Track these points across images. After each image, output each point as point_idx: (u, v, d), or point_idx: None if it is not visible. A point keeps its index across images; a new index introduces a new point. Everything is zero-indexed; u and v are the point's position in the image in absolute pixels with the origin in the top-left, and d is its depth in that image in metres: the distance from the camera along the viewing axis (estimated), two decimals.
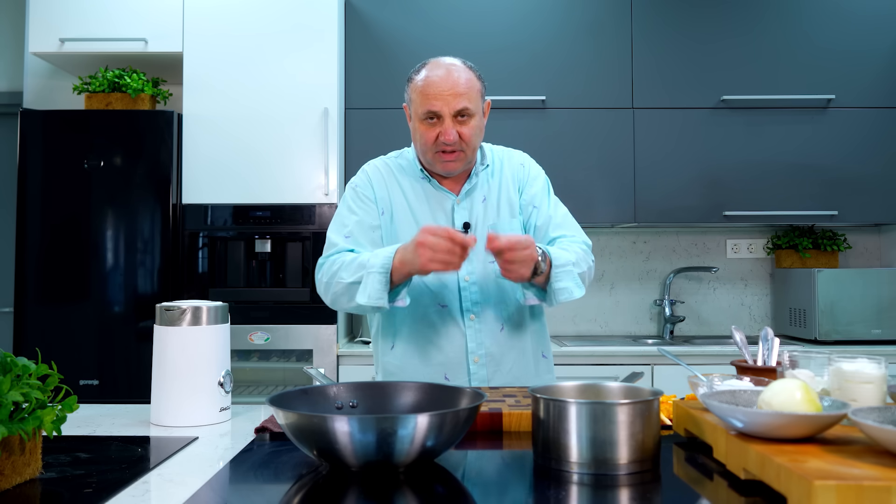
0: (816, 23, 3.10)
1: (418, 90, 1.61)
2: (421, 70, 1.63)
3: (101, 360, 2.75)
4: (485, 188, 1.71)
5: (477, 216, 1.68)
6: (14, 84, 3.46)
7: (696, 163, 3.07)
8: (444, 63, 1.61)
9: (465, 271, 1.64)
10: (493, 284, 1.66)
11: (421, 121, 1.61)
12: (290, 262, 2.89)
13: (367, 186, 1.71)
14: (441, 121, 1.59)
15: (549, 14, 3.10)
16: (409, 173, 1.72)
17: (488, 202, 1.70)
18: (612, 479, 0.96)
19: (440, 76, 1.58)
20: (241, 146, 2.86)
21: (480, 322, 1.64)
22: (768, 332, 1.38)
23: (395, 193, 1.70)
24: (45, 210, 2.78)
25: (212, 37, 2.90)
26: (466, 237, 1.43)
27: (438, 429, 0.97)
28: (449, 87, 1.57)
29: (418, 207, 1.68)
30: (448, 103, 1.57)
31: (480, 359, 1.64)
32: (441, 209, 1.68)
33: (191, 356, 1.34)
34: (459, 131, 1.58)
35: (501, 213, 1.70)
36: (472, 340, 1.64)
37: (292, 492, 0.95)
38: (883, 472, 0.79)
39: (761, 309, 3.42)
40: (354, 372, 2.81)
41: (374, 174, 1.73)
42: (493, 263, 1.61)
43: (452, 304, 1.64)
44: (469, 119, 1.60)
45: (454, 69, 1.60)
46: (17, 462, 0.94)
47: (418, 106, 1.61)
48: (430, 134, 1.60)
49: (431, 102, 1.57)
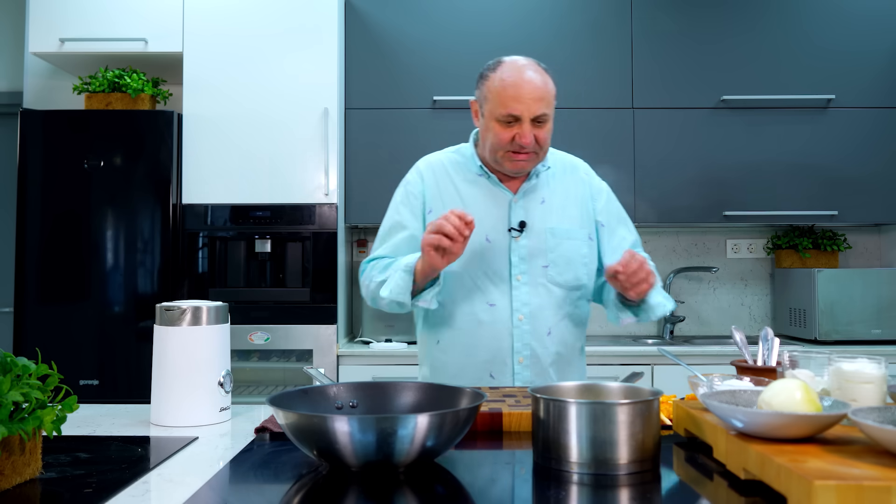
0: (816, 23, 3.10)
1: (496, 91, 1.58)
2: (498, 69, 1.61)
3: (101, 360, 2.75)
4: (545, 190, 1.70)
5: (534, 216, 1.67)
6: (14, 84, 3.46)
7: (696, 163, 3.07)
8: (524, 65, 1.60)
9: (519, 270, 1.64)
10: (544, 287, 1.65)
11: (497, 121, 1.59)
12: (290, 262, 2.89)
13: (417, 184, 1.73)
14: (519, 123, 1.57)
15: (549, 14, 3.10)
16: (466, 170, 1.71)
17: (548, 204, 1.69)
18: (612, 479, 0.96)
19: (523, 80, 1.57)
20: (241, 146, 2.86)
21: (528, 323, 1.64)
22: (768, 332, 1.38)
23: (448, 191, 1.70)
24: (46, 210, 2.78)
25: (212, 37, 2.90)
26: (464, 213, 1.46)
27: (438, 429, 0.97)
28: (531, 92, 1.56)
29: (473, 204, 1.67)
30: (529, 108, 1.55)
31: (525, 360, 1.64)
32: (497, 207, 1.67)
33: (191, 356, 1.34)
34: (536, 134, 1.58)
35: (563, 216, 1.68)
36: (518, 341, 1.63)
37: (292, 492, 0.95)
38: (883, 472, 0.79)
39: (761, 309, 3.42)
40: (354, 372, 2.81)
41: (426, 172, 1.74)
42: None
43: (502, 304, 1.63)
44: (546, 123, 1.59)
45: (536, 73, 1.59)
46: (17, 462, 0.94)
47: (496, 106, 1.58)
48: (505, 134, 1.58)
49: (513, 105, 1.56)
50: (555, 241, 1.66)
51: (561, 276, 1.65)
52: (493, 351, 1.64)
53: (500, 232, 1.65)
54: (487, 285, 1.63)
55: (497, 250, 1.64)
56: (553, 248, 1.65)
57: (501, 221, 1.66)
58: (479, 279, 1.64)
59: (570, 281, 1.66)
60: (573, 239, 1.67)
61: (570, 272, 1.66)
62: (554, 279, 1.65)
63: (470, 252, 1.61)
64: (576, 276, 1.67)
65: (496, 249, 1.64)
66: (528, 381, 1.64)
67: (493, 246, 1.64)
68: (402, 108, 3.07)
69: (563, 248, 1.66)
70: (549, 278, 1.64)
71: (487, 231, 1.64)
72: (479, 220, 1.63)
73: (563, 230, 1.67)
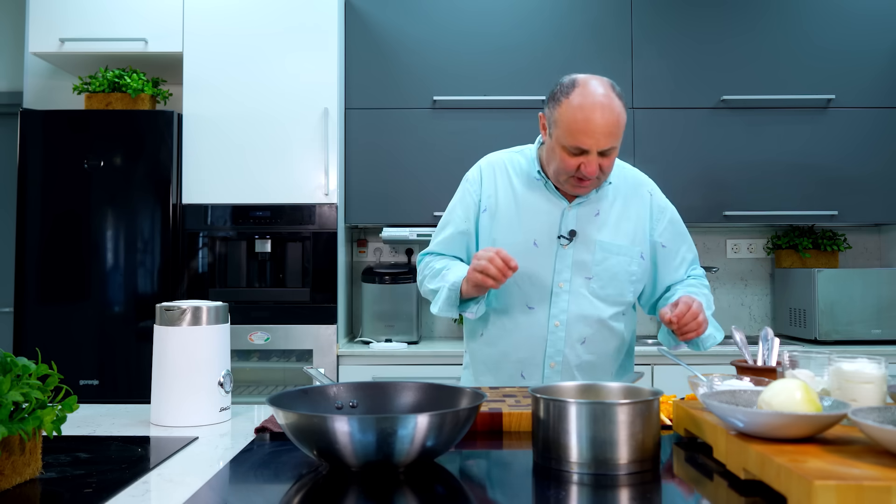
0: (816, 23, 3.10)
1: (567, 120, 1.53)
2: (572, 93, 1.54)
3: (101, 360, 2.75)
4: (601, 202, 1.68)
5: (585, 227, 1.66)
6: (14, 84, 3.46)
7: (696, 163, 3.07)
8: (598, 94, 1.52)
9: (562, 278, 1.64)
10: (585, 299, 1.65)
11: (563, 148, 1.56)
12: (290, 262, 2.89)
13: (476, 182, 1.74)
14: (586, 154, 1.54)
15: (549, 14, 3.10)
16: (525, 171, 1.71)
17: (602, 217, 1.67)
18: (612, 479, 0.96)
19: (595, 113, 1.51)
20: (241, 146, 2.86)
21: (564, 330, 1.64)
22: (768, 332, 1.38)
23: (504, 192, 1.71)
24: (46, 210, 2.78)
25: (212, 37, 2.90)
26: (509, 257, 1.50)
27: (438, 429, 0.97)
28: (603, 127, 1.51)
29: (526, 208, 1.68)
30: (598, 142, 1.52)
31: (557, 365, 1.65)
32: (549, 213, 1.66)
33: (191, 356, 1.34)
34: (601, 163, 1.56)
35: (615, 231, 1.67)
36: (551, 346, 1.65)
37: (292, 492, 0.95)
38: (883, 472, 0.79)
39: (761, 309, 3.42)
40: (354, 372, 2.81)
41: (486, 170, 1.75)
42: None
43: (540, 308, 1.65)
44: (612, 152, 1.56)
45: (609, 106, 1.52)
46: (17, 462, 0.94)
47: (564, 135, 1.54)
48: (571, 163, 1.56)
49: (582, 140, 1.52)
50: (602, 254, 1.65)
51: (603, 289, 1.65)
52: (527, 353, 1.66)
53: (550, 238, 1.66)
54: (529, 288, 1.65)
55: (543, 256, 1.65)
56: (600, 262, 1.65)
57: (552, 228, 1.66)
58: (521, 282, 1.65)
59: (612, 296, 1.67)
60: (622, 255, 1.67)
61: (613, 287, 1.66)
62: (596, 292, 1.65)
63: (517, 254, 1.61)
64: (620, 291, 1.67)
65: (542, 255, 1.65)
66: None
67: (540, 251, 1.65)
68: (402, 108, 3.07)
69: (610, 262, 1.66)
70: (592, 291, 1.65)
71: (536, 236, 1.66)
72: (530, 223, 1.66)
73: (612, 245, 1.66)
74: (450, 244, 1.76)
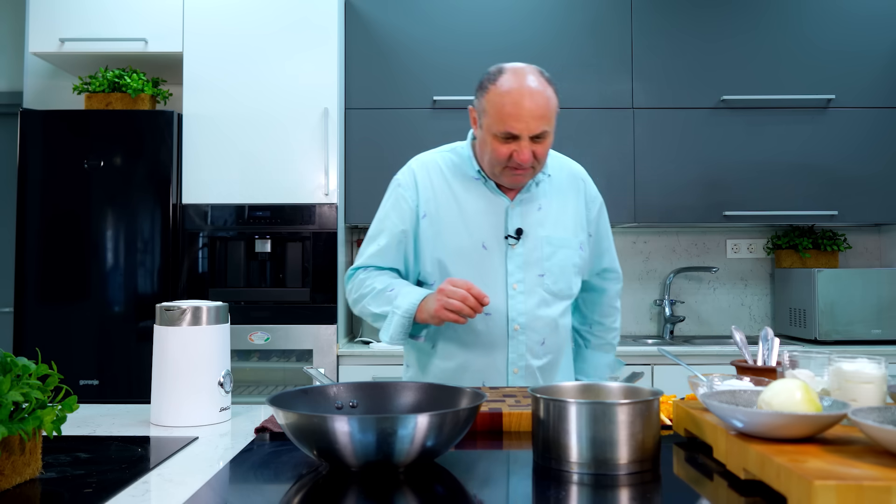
0: (816, 23, 3.10)
1: (495, 106, 1.51)
2: (498, 80, 1.52)
3: (101, 360, 2.75)
4: (542, 197, 1.66)
5: (531, 224, 1.63)
6: (14, 84, 3.46)
7: (696, 163, 3.07)
8: (526, 79, 1.51)
9: (515, 279, 1.60)
10: (540, 297, 1.62)
11: (494, 136, 1.53)
12: (290, 262, 2.89)
13: (409, 187, 1.66)
14: (517, 140, 1.51)
15: (549, 14, 3.10)
16: (462, 171, 1.66)
17: (544, 211, 1.65)
18: (612, 479, 0.96)
19: (523, 97, 1.49)
20: (241, 146, 2.86)
21: (524, 333, 1.61)
22: (768, 332, 1.38)
23: (443, 194, 1.64)
24: (46, 210, 2.78)
25: (212, 37, 2.90)
26: (482, 293, 1.43)
27: (438, 429, 0.97)
28: (531, 111, 1.48)
29: (470, 209, 1.62)
30: (528, 126, 1.49)
31: (520, 370, 1.61)
32: (493, 213, 1.62)
33: (191, 356, 1.34)
34: (534, 150, 1.52)
35: (558, 224, 1.65)
36: (513, 351, 1.60)
37: (292, 492, 0.95)
38: (883, 472, 0.79)
39: (761, 309, 3.42)
40: (354, 372, 2.81)
41: (420, 172, 1.67)
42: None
43: (497, 313, 1.59)
44: (545, 139, 1.53)
45: (538, 89, 1.50)
46: (17, 462, 0.94)
47: (494, 123, 1.51)
48: (503, 151, 1.53)
49: (511, 125, 1.49)
50: (550, 249, 1.63)
51: (556, 284, 1.63)
52: (488, 361, 1.61)
53: (497, 239, 1.61)
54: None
55: (494, 258, 1.61)
56: (549, 257, 1.63)
57: (498, 228, 1.62)
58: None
59: (563, 290, 1.65)
60: (567, 247, 1.65)
61: (563, 281, 1.65)
62: (549, 288, 1.63)
63: (467, 258, 1.59)
64: (569, 285, 1.66)
65: (493, 257, 1.61)
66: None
67: (490, 253, 1.61)
68: (402, 108, 3.07)
69: (558, 257, 1.64)
70: (545, 287, 1.62)
71: (484, 238, 1.61)
72: (476, 226, 1.61)
73: (558, 239, 1.65)
74: (385, 255, 1.65)
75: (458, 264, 1.60)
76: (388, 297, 1.58)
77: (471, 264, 1.59)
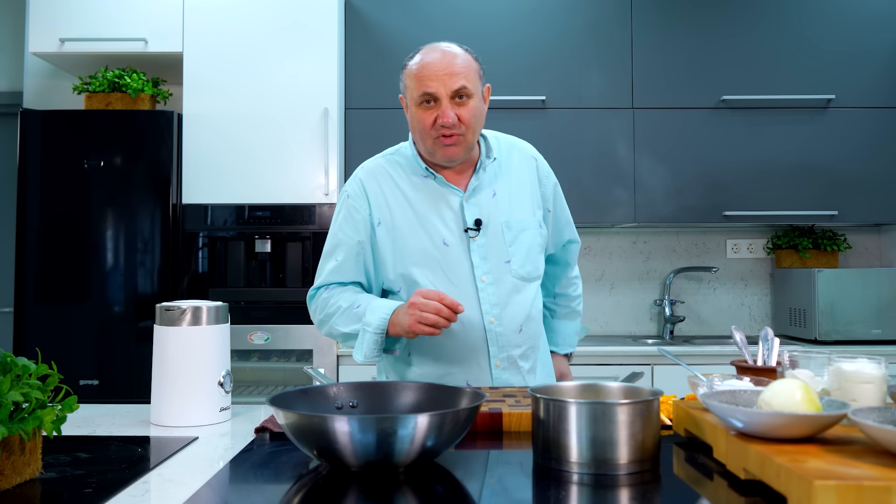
0: (816, 23, 3.10)
1: (413, 74, 1.55)
2: (415, 55, 1.58)
3: (101, 360, 2.75)
4: (494, 182, 1.64)
5: (488, 212, 1.60)
6: (14, 84, 3.46)
7: (696, 163, 3.07)
8: (439, 45, 1.57)
9: (482, 271, 1.57)
10: (510, 285, 1.60)
11: (417, 105, 1.54)
12: (290, 262, 2.89)
13: (359, 197, 1.63)
14: (438, 103, 1.52)
15: (549, 14, 3.10)
16: (409, 171, 1.64)
17: (499, 196, 1.62)
18: (612, 479, 0.96)
19: (435, 58, 1.53)
20: (241, 146, 2.86)
21: (500, 325, 1.58)
22: (768, 332, 1.38)
23: (394, 197, 1.61)
24: (46, 210, 2.78)
25: (212, 37, 2.90)
26: (455, 302, 1.41)
27: (438, 429, 0.97)
28: (444, 67, 1.51)
29: (422, 208, 1.59)
30: (444, 83, 1.50)
31: (503, 362, 1.59)
32: (448, 208, 1.59)
33: (191, 356, 1.34)
34: (458, 113, 1.51)
35: (515, 207, 1.63)
36: (493, 344, 1.58)
37: (292, 492, 0.95)
38: (883, 472, 0.79)
39: (761, 309, 3.42)
40: (354, 372, 2.81)
41: (368, 180, 1.64)
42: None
43: (471, 309, 1.55)
44: (468, 100, 1.52)
45: (449, 50, 1.55)
46: (17, 462, 0.94)
47: (413, 90, 1.54)
48: (427, 117, 1.53)
49: (427, 84, 1.51)
50: (511, 234, 1.61)
51: (523, 268, 1.61)
52: (469, 360, 1.58)
53: (458, 234, 1.58)
54: (454, 292, 1.53)
55: (457, 253, 1.57)
56: (511, 242, 1.60)
57: (456, 222, 1.59)
58: (443, 286, 1.55)
59: (531, 272, 1.63)
60: (528, 229, 1.63)
61: (530, 263, 1.63)
62: (517, 273, 1.60)
63: (430, 259, 1.57)
64: (535, 265, 1.65)
65: (455, 252, 1.57)
66: (506, 382, 1.60)
67: (452, 249, 1.57)
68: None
69: (521, 239, 1.62)
70: (514, 273, 1.60)
71: (444, 235, 1.58)
72: (434, 224, 1.58)
73: (517, 222, 1.62)
74: (345, 270, 1.62)
75: (422, 266, 1.57)
76: (356, 315, 1.54)
77: (435, 264, 1.57)
